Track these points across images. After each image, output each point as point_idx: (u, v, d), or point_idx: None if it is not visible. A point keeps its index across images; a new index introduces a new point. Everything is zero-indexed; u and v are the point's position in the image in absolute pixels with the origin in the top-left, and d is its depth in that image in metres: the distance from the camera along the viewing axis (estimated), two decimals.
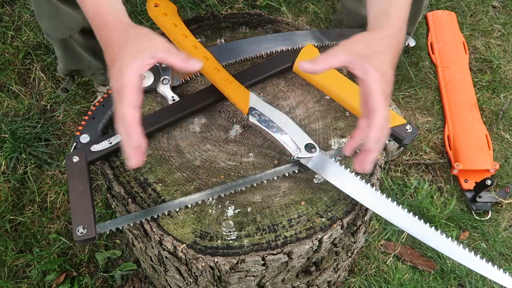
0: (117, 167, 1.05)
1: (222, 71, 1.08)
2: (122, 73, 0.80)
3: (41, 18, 1.36)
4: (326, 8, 2.12)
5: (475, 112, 1.86)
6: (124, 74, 0.80)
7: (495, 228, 1.65)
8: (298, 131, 1.01)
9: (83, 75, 1.66)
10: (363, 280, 1.53)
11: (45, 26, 1.38)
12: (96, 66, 1.55)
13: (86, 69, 1.58)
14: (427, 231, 0.97)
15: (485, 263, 0.95)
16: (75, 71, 1.61)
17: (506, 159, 1.79)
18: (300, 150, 1.00)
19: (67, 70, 1.59)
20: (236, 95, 1.06)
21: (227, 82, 1.07)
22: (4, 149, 1.71)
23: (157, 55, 0.82)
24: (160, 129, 1.08)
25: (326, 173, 1.00)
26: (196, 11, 2.03)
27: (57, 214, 1.63)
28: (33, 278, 1.51)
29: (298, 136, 1.01)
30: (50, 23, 1.35)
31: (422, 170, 1.77)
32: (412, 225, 0.98)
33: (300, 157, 1.00)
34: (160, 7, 1.16)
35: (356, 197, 0.99)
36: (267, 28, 1.25)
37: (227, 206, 1.00)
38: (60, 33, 1.36)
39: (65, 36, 1.37)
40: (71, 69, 1.59)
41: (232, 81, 1.07)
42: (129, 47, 0.83)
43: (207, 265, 0.96)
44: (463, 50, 2.02)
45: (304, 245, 0.96)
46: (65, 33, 1.36)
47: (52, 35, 1.39)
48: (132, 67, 0.80)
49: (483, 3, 2.20)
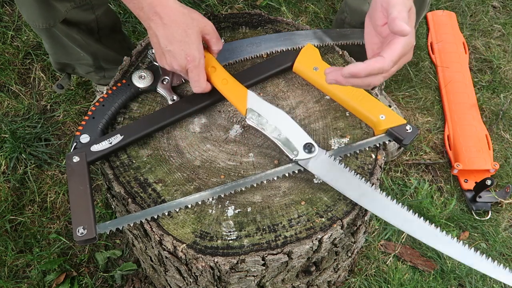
0: (117, 167, 1.05)
1: (219, 69, 1.08)
2: (195, 57, 1.00)
3: (21, 7, 1.35)
4: (326, 8, 2.13)
5: (475, 112, 1.86)
6: (197, 58, 1.00)
7: (495, 228, 1.65)
8: (297, 130, 1.01)
9: (77, 73, 1.65)
10: (363, 280, 1.53)
11: (25, 15, 1.37)
12: (85, 59, 1.54)
13: (75, 62, 1.57)
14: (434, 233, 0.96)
15: (486, 259, 0.94)
16: (67, 66, 1.61)
17: (506, 159, 1.79)
18: (298, 152, 1.00)
19: (57, 63, 1.58)
20: (234, 94, 1.06)
21: (224, 82, 1.07)
22: (4, 149, 1.71)
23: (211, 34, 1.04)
24: (160, 129, 1.08)
25: (326, 175, 1.00)
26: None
27: (57, 214, 1.63)
28: (33, 278, 1.51)
29: (296, 135, 1.01)
30: (30, 12, 1.33)
31: (422, 170, 1.77)
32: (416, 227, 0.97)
33: (298, 159, 1.00)
34: None
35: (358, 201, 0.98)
36: (267, 28, 1.25)
37: (227, 206, 1.00)
38: (41, 22, 1.35)
39: (45, 25, 1.35)
40: (61, 62, 1.58)
41: (230, 80, 1.07)
42: (192, 31, 0.99)
43: (207, 265, 0.96)
44: (463, 50, 2.02)
45: (304, 245, 0.96)
46: (45, 22, 1.35)
47: (33, 25, 1.38)
48: (201, 51, 1.01)
49: (483, 3, 2.20)
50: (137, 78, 1.12)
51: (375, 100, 1.09)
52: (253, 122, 1.02)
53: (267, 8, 2.09)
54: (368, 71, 0.86)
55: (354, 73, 0.86)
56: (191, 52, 1.00)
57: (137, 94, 1.14)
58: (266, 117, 1.02)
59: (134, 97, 1.14)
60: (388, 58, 0.86)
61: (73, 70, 1.64)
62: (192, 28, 0.99)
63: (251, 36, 1.23)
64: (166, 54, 1.01)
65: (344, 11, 1.49)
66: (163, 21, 0.98)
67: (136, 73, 1.12)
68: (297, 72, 1.16)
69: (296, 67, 1.15)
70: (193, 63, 1.01)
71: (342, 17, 1.50)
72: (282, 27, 1.25)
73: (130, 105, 1.13)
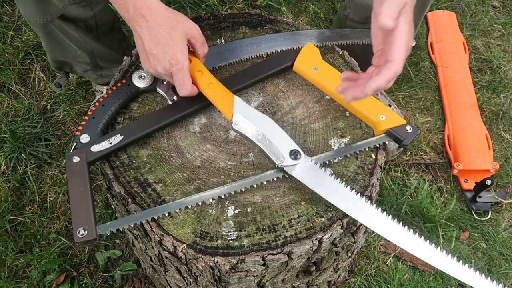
0: (117, 167, 1.05)
1: (206, 73, 1.07)
2: (179, 60, 0.98)
3: (18, 2, 1.35)
4: (326, 8, 2.13)
5: (475, 112, 1.86)
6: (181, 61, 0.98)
7: (495, 228, 1.65)
8: (283, 137, 1.01)
9: (75, 71, 1.65)
10: (363, 280, 1.53)
11: (22, 10, 1.37)
12: (81, 57, 1.54)
13: (72, 60, 1.57)
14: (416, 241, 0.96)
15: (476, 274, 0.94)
16: (65, 64, 1.61)
17: (506, 159, 1.79)
18: (284, 158, 0.99)
19: (55, 61, 1.58)
20: (220, 99, 1.05)
21: (211, 86, 1.06)
22: (4, 149, 1.71)
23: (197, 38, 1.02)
24: (160, 129, 1.08)
25: (311, 182, 0.99)
26: (196, 11, 2.03)
27: (57, 214, 1.63)
28: (33, 278, 1.51)
29: (282, 142, 1.00)
30: (26, 7, 1.34)
31: (422, 170, 1.77)
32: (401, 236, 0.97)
33: (284, 165, 1.00)
34: None
35: (341, 207, 0.98)
36: (267, 28, 1.25)
37: (227, 206, 1.00)
38: (38, 17, 1.34)
39: (43, 20, 1.35)
40: (58, 59, 1.58)
41: (216, 85, 1.06)
42: (176, 34, 0.97)
43: (207, 265, 0.96)
44: (463, 50, 2.02)
45: (304, 245, 0.96)
46: (42, 18, 1.34)
47: (30, 21, 1.38)
48: (185, 53, 0.99)
49: (483, 3, 2.20)
50: (137, 78, 1.12)
51: (375, 100, 1.09)
52: (239, 127, 1.02)
53: (267, 8, 2.09)
54: (387, 81, 0.88)
55: (376, 89, 0.88)
56: (175, 55, 0.98)
57: (137, 94, 1.14)
58: (253, 123, 1.02)
59: (134, 97, 1.14)
60: (397, 60, 0.88)
61: (70, 68, 1.64)
62: (177, 31, 0.98)
63: (251, 36, 1.23)
64: (150, 57, 1.00)
65: (347, 7, 1.49)
66: (148, 24, 0.97)
67: (136, 73, 1.12)
68: (297, 72, 1.16)
69: (296, 66, 1.15)
70: (177, 66, 0.99)
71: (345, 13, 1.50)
72: (282, 27, 1.25)
73: (130, 105, 1.13)
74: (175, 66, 0.99)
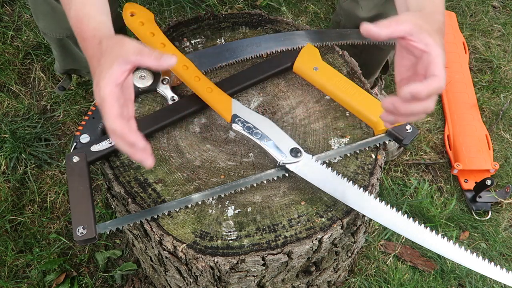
0: (117, 167, 1.05)
1: (203, 79, 1.08)
2: (100, 87, 0.78)
3: (38, 17, 1.36)
4: (326, 8, 2.12)
5: (475, 112, 1.86)
6: (102, 88, 0.78)
7: (495, 228, 1.65)
8: (283, 136, 1.02)
9: (80, 74, 1.66)
10: (363, 280, 1.53)
11: (41, 25, 1.38)
12: None
13: (82, 68, 1.58)
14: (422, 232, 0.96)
15: (484, 262, 0.95)
16: (72, 71, 1.61)
17: (506, 159, 1.79)
18: (285, 155, 1.00)
19: (64, 69, 1.59)
20: (218, 103, 1.06)
21: (208, 90, 1.07)
22: (4, 149, 1.71)
23: (130, 59, 0.79)
24: (160, 129, 1.08)
25: (313, 178, 1.00)
26: (196, 11, 2.03)
27: (57, 214, 1.63)
28: (33, 278, 1.51)
29: (283, 141, 1.01)
30: (46, 23, 1.35)
31: (422, 170, 1.77)
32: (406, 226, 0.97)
33: (285, 162, 1.00)
34: (137, 16, 1.15)
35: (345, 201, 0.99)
36: (267, 28, 1.25)
37: (227, 206, 1.00)
38: (57, 32, 1.36)
39: (62, 36, 1.37)
40: (68, 68, 1.59)
41: (214, 89, 1.07)
42: (104, 59, 0.81)
43: (207, 265, 0.96)
44: (463, 50, 2.02)
45: (304, 245, 0.96)
46: (62, 33, 1.36)
47: (49, 35, 1.39)
48: (108, 78, 0.78)
49: (483, 3, 2.20)
50: (137, 78, 1.12)
51: (375, 100, 1.09)
52: (239, 127, 1.03)
53: (267, 8, 2.09)
54: (429, 91, 0.77)
55: (415, 92, 0.76)
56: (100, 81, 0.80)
57: (137, 94, 1.14)
58: (252, 123, 1.03)
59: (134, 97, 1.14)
60: (440, 75, 0.78)
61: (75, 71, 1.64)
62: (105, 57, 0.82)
63: (251, 36, 1.23)
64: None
65: (339, 13, 1.49)
66: (88, 54, 0.88)
67: (136, 73, 1.12)
68: (297, 72, 1.16)
69: (296, 67, 1.15)
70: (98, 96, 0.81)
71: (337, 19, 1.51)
72: (282, 27, 1.25)
73: None
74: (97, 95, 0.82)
